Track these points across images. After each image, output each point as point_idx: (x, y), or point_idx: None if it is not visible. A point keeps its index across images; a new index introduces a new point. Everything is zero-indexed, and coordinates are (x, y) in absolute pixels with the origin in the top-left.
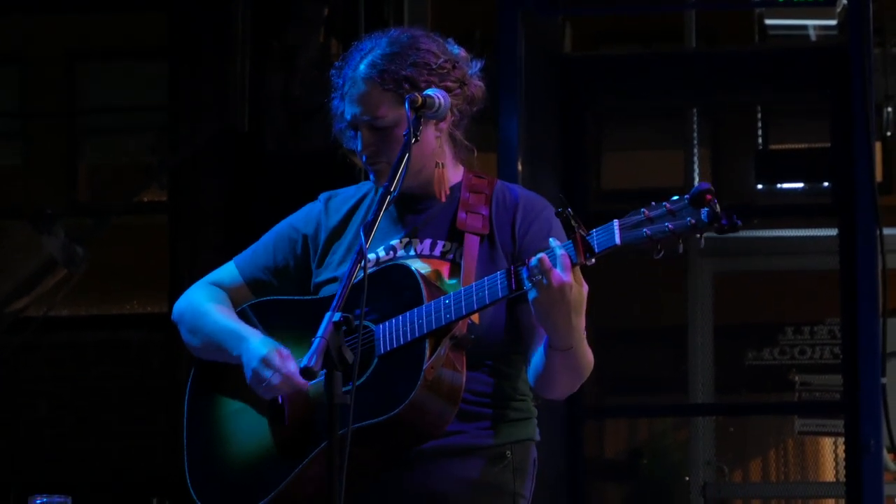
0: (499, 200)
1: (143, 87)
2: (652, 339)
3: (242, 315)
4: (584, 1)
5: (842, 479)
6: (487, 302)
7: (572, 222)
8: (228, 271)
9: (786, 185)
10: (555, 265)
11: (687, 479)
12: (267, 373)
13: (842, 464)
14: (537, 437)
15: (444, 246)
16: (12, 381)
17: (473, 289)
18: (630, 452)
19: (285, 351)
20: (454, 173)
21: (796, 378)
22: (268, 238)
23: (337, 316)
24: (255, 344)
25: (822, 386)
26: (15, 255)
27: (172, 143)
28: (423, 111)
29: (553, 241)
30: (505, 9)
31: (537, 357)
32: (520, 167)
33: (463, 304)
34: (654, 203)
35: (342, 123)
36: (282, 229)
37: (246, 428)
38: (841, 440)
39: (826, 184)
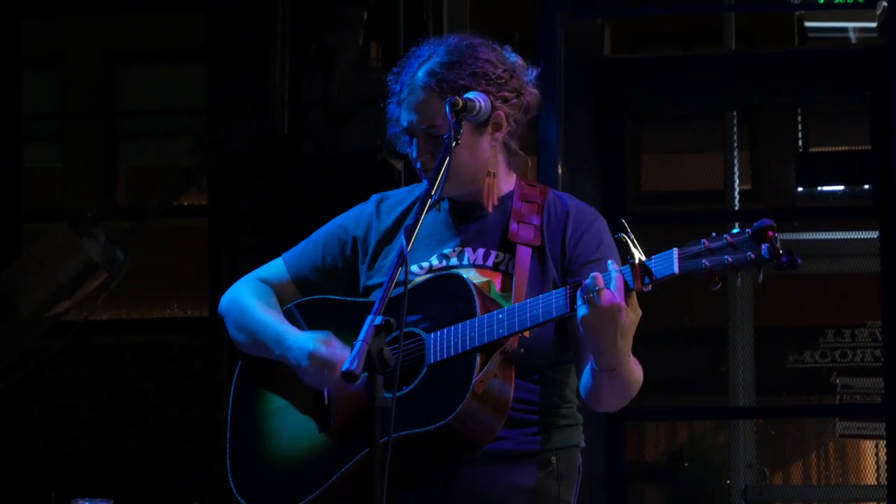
0: (550, 211)
1: (182, 89)
2: (692, 342)
3: (288, 313)
4: (623, 3)
5: (883, 481)
6: (541, 320)
7: (632, 248)
8: (276, 268)
9: (826, 188)
10: (608, 285)
11: (728, 482)
12: (320, 370)
13: (883, 466)
14: (583, 444)
15: (496, 257)
16: (53, 383)
17: (528, 306)
18: (670, 455)
19: (325, 337)
20: (507, 182)
21: (837, 381)
22: (318, 237)
23: (378, 319)
24: (299, 341)
25: (863, 389)
26: (54, 258)
27: (211, 146)
28: (464, 115)
29: (611, 264)
30: (544, 11)
31: (586, 373)
32: (560, 170)
33: (517, 319)
34: (714, 234)
35: (397, 128)
36: (332, 229)
37: (290, 426)
38: (882, 443)
39: (866, 186)
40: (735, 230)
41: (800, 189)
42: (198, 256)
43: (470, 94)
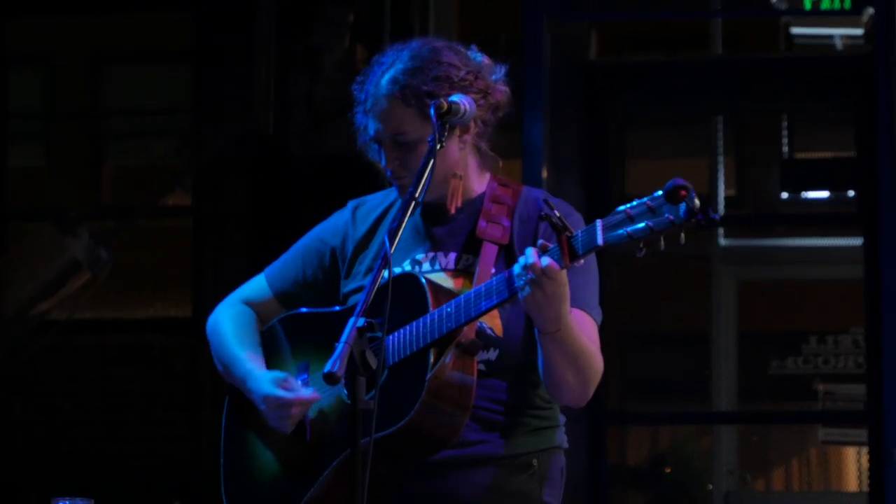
0: (522, 214)
1: (167, 89)
2: (675, 346)
3: (271, 333)
4: (610, 7)
5: (865, 488)
6: (484, 307)
7: (557, 224)
8: (258, 285)
9: (811, 194)
10: (542, 265)
11: (710, 487)
12: (276, 412)
13: (865, 473)
14: (565, 445)
15: (466, 259)
16: (35, 383)
17: (472, 295)
18: (653, 459)
19: (282, 378)
20: (479, 184)
21: (820, 387)
22: (297, 250)
23: (361, 321)
24: (257, 384)
25: (846, 395)
26: (39, 256)
27: (196, 146)
28: (449, 118)
29: (541, 242)
30: (530, 14)
31: (539, 352)
32: (544, 173)
33: (462, 311)
34: (636, 201)
35: (366, 137)
36: (310, 242)
37: (274, 445)
38: (864, 450)
39: (851, 193)
40: (656, 193)
41: (784, 195)
42: (182, 256)
43: (455, 97)
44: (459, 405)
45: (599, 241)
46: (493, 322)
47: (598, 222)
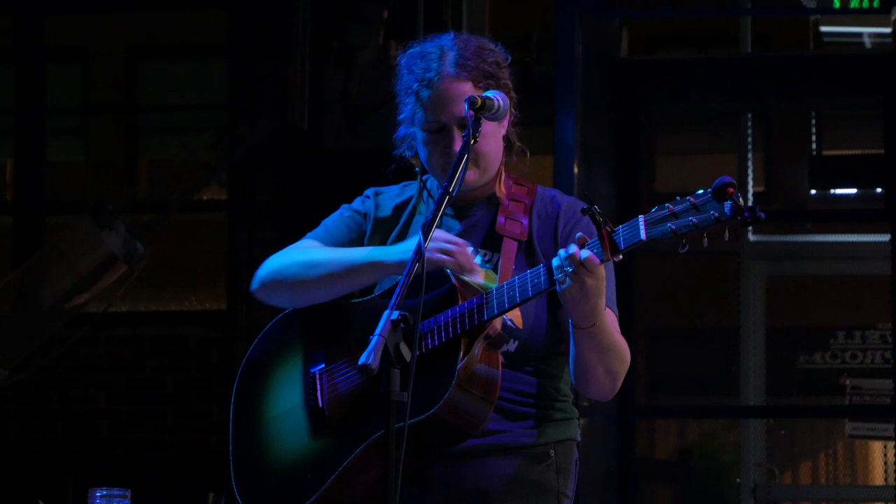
0: (540, 210)
1: (203, 84)
2: (704, 341)
3: (293, 318)
4: (641, 5)
5: (892, 482)
6: (518, 300)
7: (599, 219)
8: (305, 243)
9: (839, 191)
10: (583, 258)
11: (737, 480)
12: (443, 242)
13: (892, 467)
14: (578, 438)
15: (484, 254)
16: (72, 374)
17: (505, 287)
18: (680, 453)
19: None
20: (498, 180)
21: (847, 382)
22: (335, 218)
23: (395, 314)
24: (405, 242)
25: (873, 390)
26: (76, 250)
27: (231, 141)
28: (483, 112)
29: (579, 236)
30: (563, 11)
31: (571, 347)
32: (576, 169)
33: (495, 302)
34: (678, 198)
35: (413, 128)
36: (344, 211)
37: (288, 432)
38: (891, 444)
39: (879, 190)
40: (699, 191)
41: (813, 192)
42: (216, 250)
43: (489, 93)
44: (485, 398)
45: (642, 235)
46: (513, 314)
47: (641, 218)
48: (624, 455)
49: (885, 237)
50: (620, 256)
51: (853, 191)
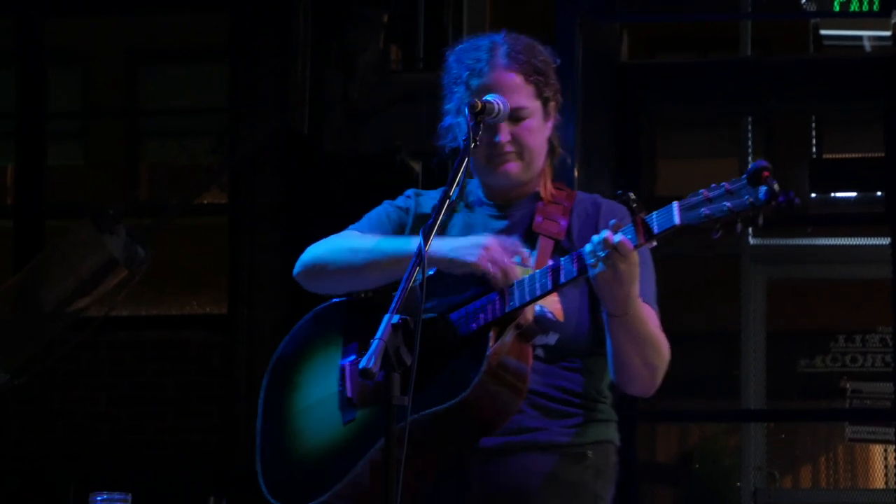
0: (580, 212)
1: (204, 88)
2: (705, 344)
3: (326, 312)
4: (641, 8)
5: (892, 486)
6: (550, 287)
7: (633, 205)
8: (347, 233)
9: (839, 194)
10: (615, 241)
11: (738, 484)
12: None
13: (892, 471)
14: (618, 442)
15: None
16: (73, 377)
17: (537, 275)
18: (681, 456)
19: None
20: (538, 181)
21: (847, 385)
22: (378, 212)
23: (395, 318)
24: (467, 237)
25: (873, 394)
26: (76, 254)
27: (232, 145)
28: (483, 117)
29: (613, 222)
30: (563, 15)
31: (608, 339)
32: (576, 172)
33: (527, 290)
34: (713, 185)
35: (460, 118)
36: (386, 207)
37: (319, 421)
38: (891, 447)
39: (879, 193)
40: (734, 179)
41: (813, 195)
42: (218, 254)
43: (489, 97)
44: (514, 390)
45: (677, 220)
46: (553, 307)
47: (675, 203)
48: (625, 458)
49: (886, 240)
50: (655, 242)
51: (853, 194)
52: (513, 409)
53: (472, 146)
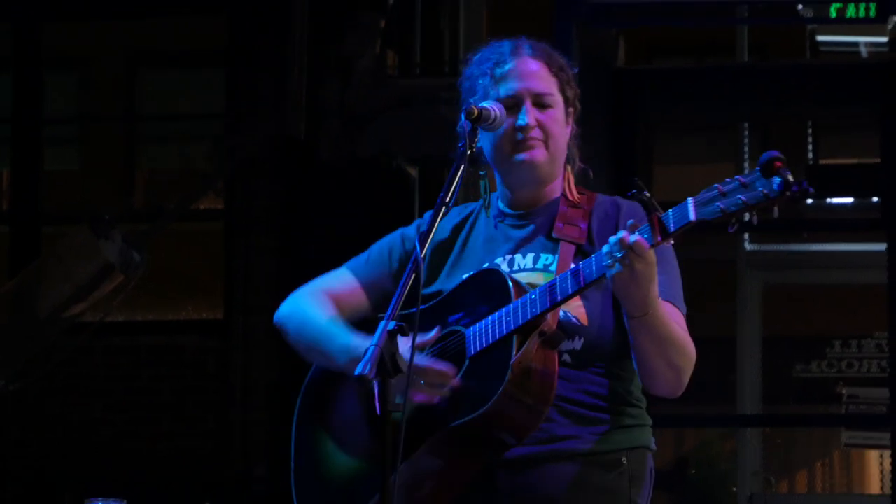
0: (600, 214)
1: (201, 93)
2: (700, 349)
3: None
4: (637, 14)
5: (887, 491)
6: (570, 292)
7: (648, 203)
8: (341, 276)
9: (835, 200)
10: (631, 241)
11: (734, 489)
12: (436, 380)
13: (888, 476)
14: (653, 447)
15: (545, 259)
16: (68, 383)
17: (557, 280)
18: (678, 461)
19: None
20: (558, 187)
21: (843, 391)
22: (381, 246)
23: (392, 325)
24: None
25: (869, 399)
26: (72, 259)
27: (229, 150)
28: (480, 123)
29: (630, 223)
30: (560, 21)
31: (631, 342)
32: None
33: (548, 296)
34: (727, 179)
35: (485, 101)
36: (394, 238)
37: (349, 443)
38: (887, 453)
39: (875, 199)
40: (747, 171)
41: (809, 200)
42: (214, 260)
43: (485, 104)
44: (540, 397)
45: (692, 216)
46: (577, 311)
47: (690, 200)
48: None
49: (882, 246)
50: (672, 241)
51: (849, 200)
52: (540, 417)
53: (469, 152)
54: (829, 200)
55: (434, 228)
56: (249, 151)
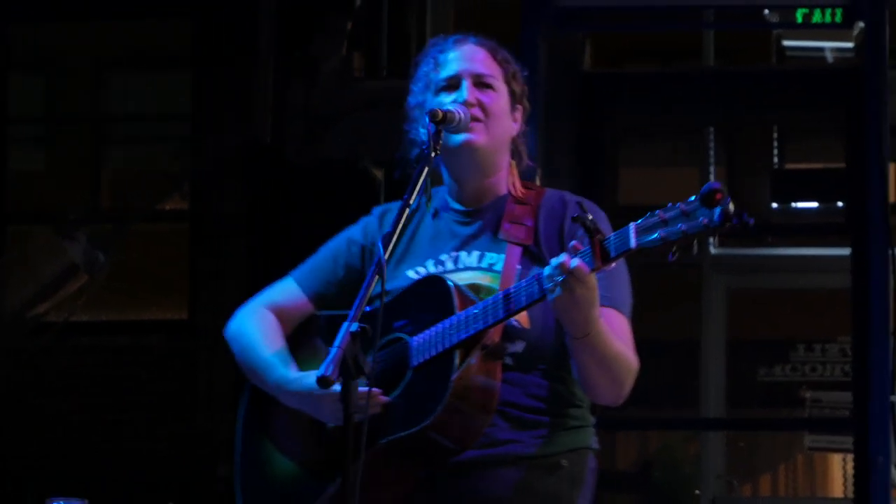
0: (546, 211)
1: (167, 95)
2: (665, 353)
3: (300, 332)
4: (604, 18)
5: (850, 494)
6: (514, 309)
7: (590, 227)
8: (286, 288)
9: (800, 205)
10: (572, 266)
11: (697, 492)
12: (337, 406)
13: (850, 480)
14: (595, 446)
15: (490, 258)
16: (32, 383)
17: (501, 296)
18: (641, 464)
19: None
20: (505, 183)
21: (807, 394)
22: (326, 252)
23: (354, 326)
24: (307, 384)
25: (833, 403)
26: (37, 259)
27: (195, 152)
28: (444, 125)
29: (572, 244)
30: (526, 24)
31: (572, 359)
32: (538, 181)
33: (490, 313)
34: (669, 204)
35: (425, 95)
36: (339, 243)
37: (289, 449)
38: (850, 456)
39: (840, 203)
40: (691, 198)
41: (775, 205)
42: (179, 260)
43: (449, 106)
44: (483, 408)
45: (632, 244)
46: (519, 315)
47: (631, 226)
48: None
49: (846, 251)
50: (613, 265)
51: (814, 204)
52: (482, 428)
53: (433, 154)
54: (793, 205)
55: (398, 231)
56: (215, 153)
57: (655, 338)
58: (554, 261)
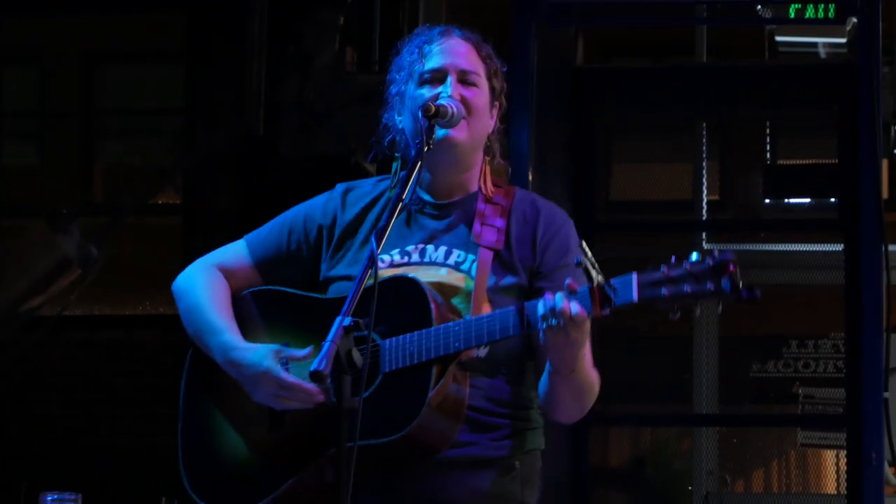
0: (518, 215)
1: (160, 89)
2: (657, 349)
3: (243, 302)
4: (597, 13)
5: (843, 491)
6: (498, 337)
7: (592, 272)
8: (237, 251)
9: (793, 200)
10: (572, 312)
11: (690, 488)
12: (275, 390)
13: (843, 476)
14: (542, 447)
15: (458, 255)
16: (25, 378)
17: (484, 321)
18: (633, 461)
19: (282, 349)
20: (477, 180)
21: (800, 391)
22: (282, 222)
23: (347, 320)
24: (254, 356)
25: (825, 399)
26: (30, 253)
27: (188, 146)
28: (437, 120)
29: (568, 282)
30: (518, 19)
31: (544, 378)
32: (530, 177)
33: (473, 334)
34: (674, 260)
35: (406, 85)
36: (297, 216)
37: (243, 425)
38: (843, 453)
39: (833, 199)
40: (694, 257)
41: (767, 201)
42: (172, 254)
43: (443, 101)
44: (455, 417)
45: (634, 297)
46: None
47: (634, 276)
48: (577, 463)
49: (839, 247)
50: (609, 313)
51: (807, 200)
52: (453, 437)
53: (426, 150)
54: (786, 201)
55: (391, 226)
56: (208, 147)
57: (647, 334)
58: (550, 302)
